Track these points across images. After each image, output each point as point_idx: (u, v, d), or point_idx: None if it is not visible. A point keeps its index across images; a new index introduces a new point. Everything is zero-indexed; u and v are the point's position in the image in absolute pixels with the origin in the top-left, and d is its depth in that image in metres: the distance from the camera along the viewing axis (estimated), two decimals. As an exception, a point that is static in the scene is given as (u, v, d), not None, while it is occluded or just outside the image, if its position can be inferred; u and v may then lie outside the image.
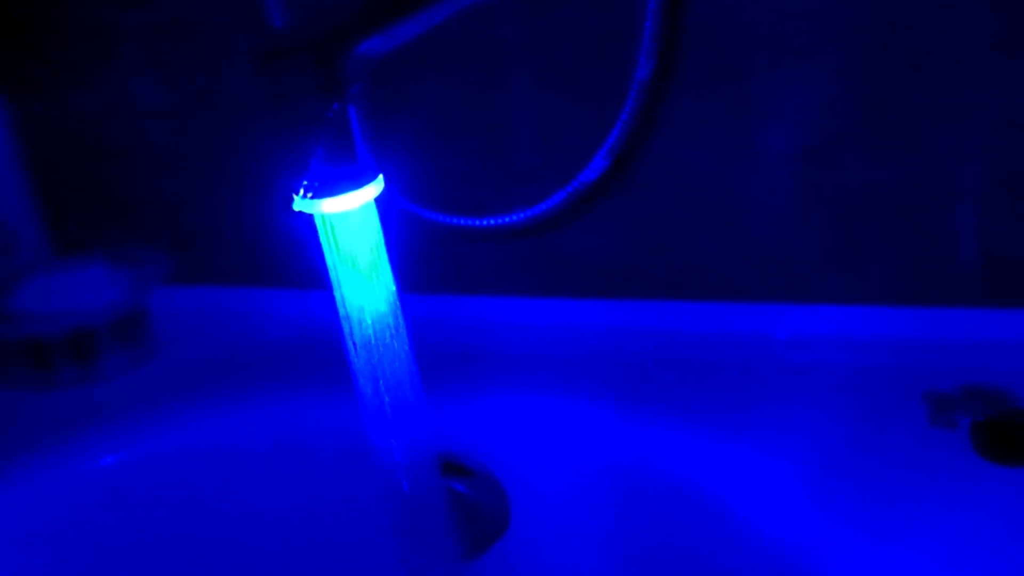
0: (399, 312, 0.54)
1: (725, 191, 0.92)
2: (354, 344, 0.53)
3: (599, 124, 0.85)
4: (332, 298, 1.01)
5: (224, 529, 0.91)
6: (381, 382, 0.54)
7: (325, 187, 0.48)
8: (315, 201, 0.49)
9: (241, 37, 0.96)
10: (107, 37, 1.02)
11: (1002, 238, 0.87)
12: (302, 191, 0.48)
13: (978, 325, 0.88)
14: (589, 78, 0.90)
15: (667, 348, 0.93)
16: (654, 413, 0.85)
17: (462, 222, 0.89)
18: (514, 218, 0.88)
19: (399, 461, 0.57)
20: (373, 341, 0.53)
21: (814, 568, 0.70)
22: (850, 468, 0.75)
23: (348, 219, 0.50)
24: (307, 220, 0.53)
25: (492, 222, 0.88)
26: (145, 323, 1.00)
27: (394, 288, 0.53)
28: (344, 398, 0.87)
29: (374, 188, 0.50)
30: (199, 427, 0.92)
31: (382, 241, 0.52)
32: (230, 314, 1.06)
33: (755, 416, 0.82)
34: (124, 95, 1.04)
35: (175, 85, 1.03)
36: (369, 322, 0.52)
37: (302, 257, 1.03)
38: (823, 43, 0.85)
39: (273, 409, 0.92)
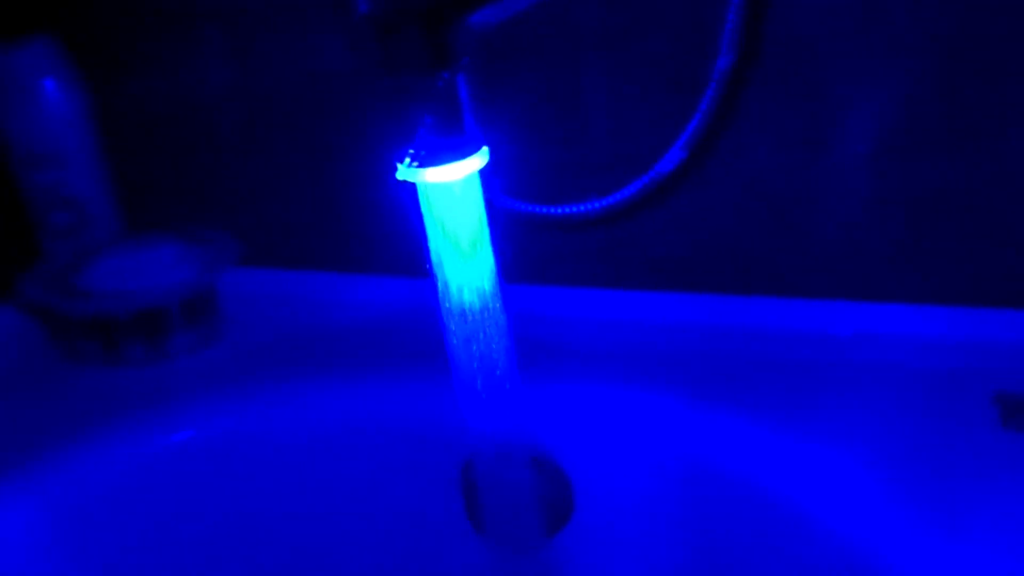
0: (499, 289, 0.54)
1: (798, 187, 0.91)
2: (452, 319, 0.53)
3: (676, 115, 0.85)
4: (401, 284, 1.02)
5: (285, 510, 0.92)
6: (477, 359, 0.54)
7: (432, 156, 0.48)
8: (420, 170, 0.49)
9: (318, 14, 0.96)
10: (185, 17, 1.03)
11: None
12: (407, 160, 0.48)
13: (1051, 327, 0.88)
14: (667, 68, 0.90)
15: (736, 344, 0.93)
16: (721, 408, 0.84)
17: (535, 209, 0.89)
18: (587, 207, 0.88)
19: (491, 443, 0.57)
20: (473, 317, 0.53)
21: (883, 568, 0.70)
22: (920, 468, 0.75)
23: (452, 190, 0.50)
24: (382, 202, 0.54)
25: (565, 210, 0.88)
26: (214, 304, 1.00)
27: (494, 265, 0.53)
28: (413, 386, 0.89)
29: (480, 159, 0.50)
30: (264, 409, 0.92)
31: (484, 215, 0.52)
32: (298, 298, 1.06)
33: (824, 414, 0.82)
34: (201, 75, 1.05)
35: (249, 66, 1.03)
36: (468, 298, 0.52)
37: (373, 242, 1.04)
38: (901, 42, 0.85)
39: (339, 394, 0.92)
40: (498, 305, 0.54)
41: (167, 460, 0.89)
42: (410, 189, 0.52)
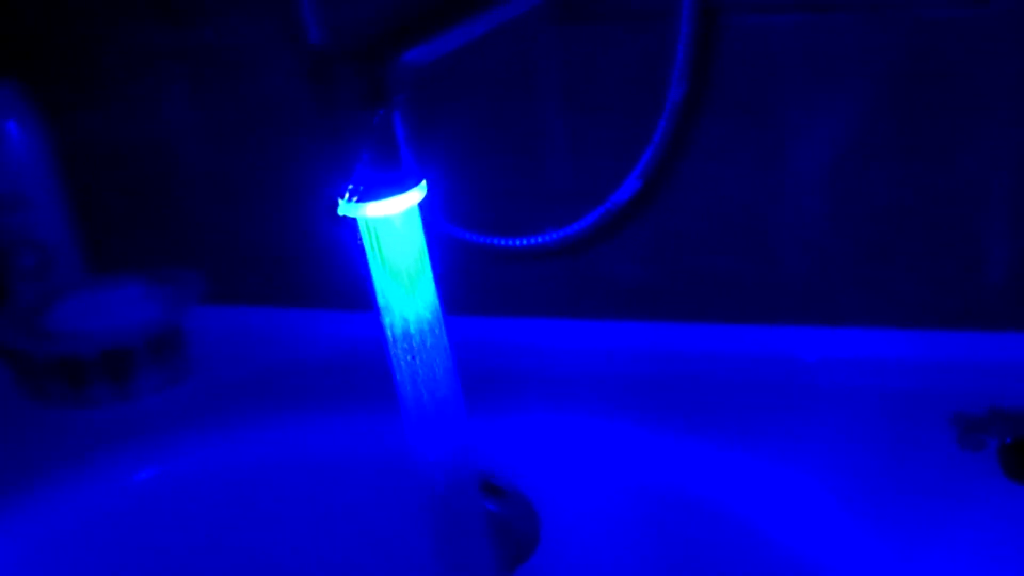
0: (441, 319, 0.55)
1: (755, 214, 0.92)
2: (396, 350, 0.54)
3: (631, 145, 0.86)
4: (366, 319, 1.02)
5: (255, 548, 0.92)
6: (424, 390, 0.55)
7: (370, 191, 0.49)
8: (360, 205, 0.49)
9: (276, 55, 0.97)
10: (145, 56, 1.03)
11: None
12: (347, 195, 0.49)
13: (1007, 348, 0.89)
14: (621, 99, 0.91)
15: (697, 370, 0.93)
16: (684, 434, 0.85)
17: (493, 242, 0.89)
18: (545, 239, 0.89)
19: (440, 471, 0.57)
20: (416, 347, 0.53)
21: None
22: (878, 489, 0.76)
23: (392, 223, 0.51)
24: (342, 238, 0.54)
25: (523, 242, 0.88)
26: (180, 342, 1.00)
27: (436, 295, 0.54)
28: (378, 418, 0.89)
29: (418, 193, 0.51)
30: (232, 446, 0.92)
31: (425, 247, 0.53)
32: (265, 334, 1.06)
33: (784, 438, 0.83)
34: (162, 115, 1.05)
35: (211, 105, 1.04)
36: (412, 329, 0.53)
37: (337, 278, 1.04)
38: (852, 67, 0.86)
39: (307, 429, 0.93)
40: (441, 335, 0.54)
41: (134, 498, 0.89)
42: (352, 224, 0.52)
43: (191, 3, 1.00)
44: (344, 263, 1.01)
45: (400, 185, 0.50)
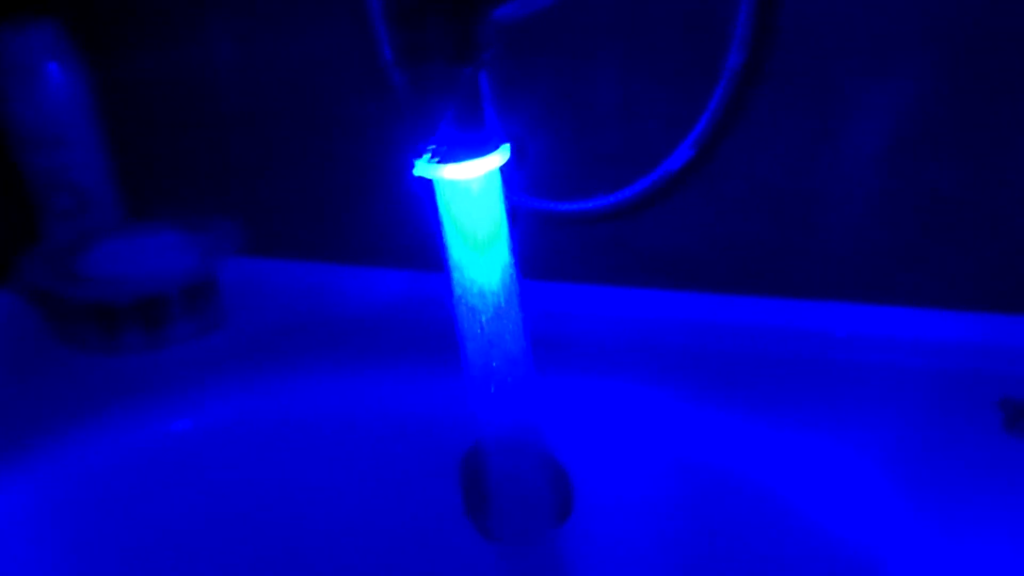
0: (515, 286, 0.53)
1: (806, 187, 0.91)
2: (468, 315, 0.53)
3: (686, 113, 0.85)
4: (403, 277, 1.02)
5: (283, 499, 0.92)
6: (494, 357, 0.54)
7: (452, 152, 0.48)
8: (439, 166, 0.48)
9: (326, 1, 0.96)
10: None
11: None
12: (427, 155, 0.48)
13: (1056, 334, 0.88)
14: (677, 65, 0.90)
15: (741, 343, 0.92)
16: (724, 407, 0.84)
17: (542, 205, 0.88)
18: (595, 204, 0.88)
19: (504, 435, 0.56)
20: (488, 314, 0.52)
21: (881, 568, 0.70)
22: (921, 470, 0.75)
23: (471, 187, 0.50)
24: (389, 194, 0.53)
25: (572, 207, 0.87)
26: (215, 292, 0.99)
27: (511, 263, 0.53)
28: (413, 377, 0.89)
29: (500, 156, 0.49)
30: (262, 398, 0.92)
31: (504, 213, 0.52)
32: (300, 288, 1.05)
33: (828, 414, 0.82)
34: (207, 59, 1.04)
35: (259, 51, 1.03)
36: (487, 294, 0.52)
37: (377, 234, 1.04)
38: (914, 42, 0.85)
39: (339, 384, 0.92)
40: (515, 303, 0.53)
41: (165, 448, 0.89)
42: (425, 184, 0.51)
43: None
44: (382, 220, 1.01)
45: (483, 147, 0.48)
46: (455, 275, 0.52)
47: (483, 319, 0.52)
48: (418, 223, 0.56)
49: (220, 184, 1.09)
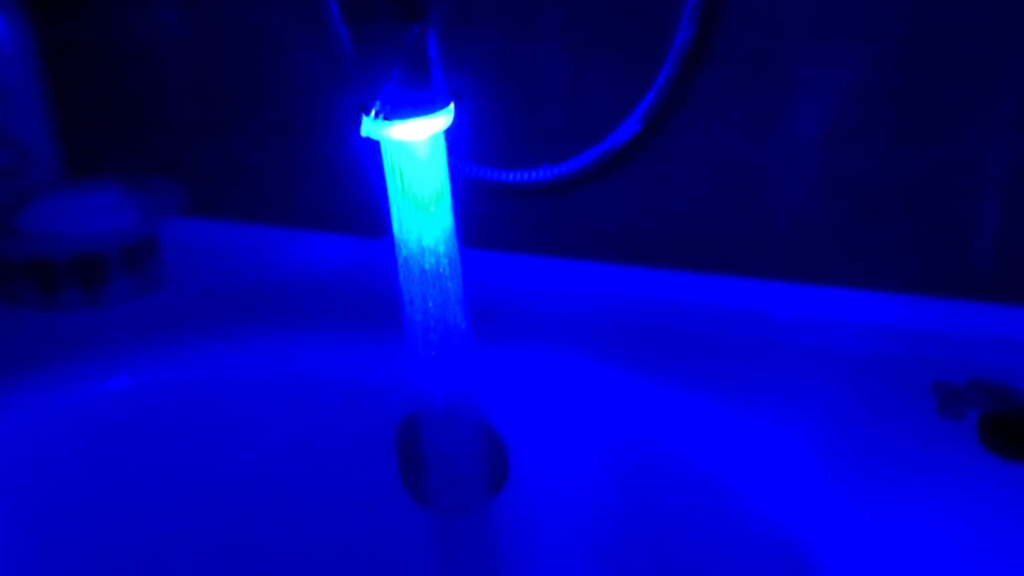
0: (457, 249, 0.53)
1: (750, 166, 0.91)
2: (409, 277, 0.53)
3: (633, 87, 0.85)
4: (343, 242, 1.02)
5: (224, 462, 0.92)
6: (432, 319, 0.54)
7: (399, 110, 0.47)
8: (386, 124, 0.48)
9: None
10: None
11: (1020, 234, 0.87)
12: (373, 113, 0.48)
13: (991, 320, 0.89)
14: (626, 39, 0.90)
15: (679, 318, 0.93)
16: (660, 382, 0.85)
17: (486, 174, 0.88)
18: (539, 175, 0.88)
19: (440, 400, 0.56)
20: (429, 276, 0.52)
21: (814, 547, 0.70)
22: (856, 452, 0.76)
23: (416, 146, 0.50)
24: (318, 158, 0.53)
25: (516, 177, 0.87)
26: (155, 252, 0.99)
27: (453, 224, 0.53)
28: (353, 342, 0.89)
29: (446, 117, 0.49)
30: (200, 359, 0.91)
31: (447, 174, 0.52)
32: (241, 250, 1.05)
33: (762, 393, 0.82)
34: (149, 18, 1.03)
35: (205, 12, 1.02)
36: (428, 257, 0.52)
37: (318, 199, 1.03)
38: (858, 26, 0.85)
39: (277, 348, 0.92)
40: (456, 266, 0.53)
41: (102, 407, 0.88)
42: (370, 144, 0.51)
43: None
44: (324, 183, 1.01)
45: (430, 106, 0.48)
46: (399, 235, 0.52)
47: (425, 280, 0.52)
48: (363, 189, 0.56)
49: (164, 144, 1.08)
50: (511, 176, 0.87)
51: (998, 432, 0.76)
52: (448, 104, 0.49)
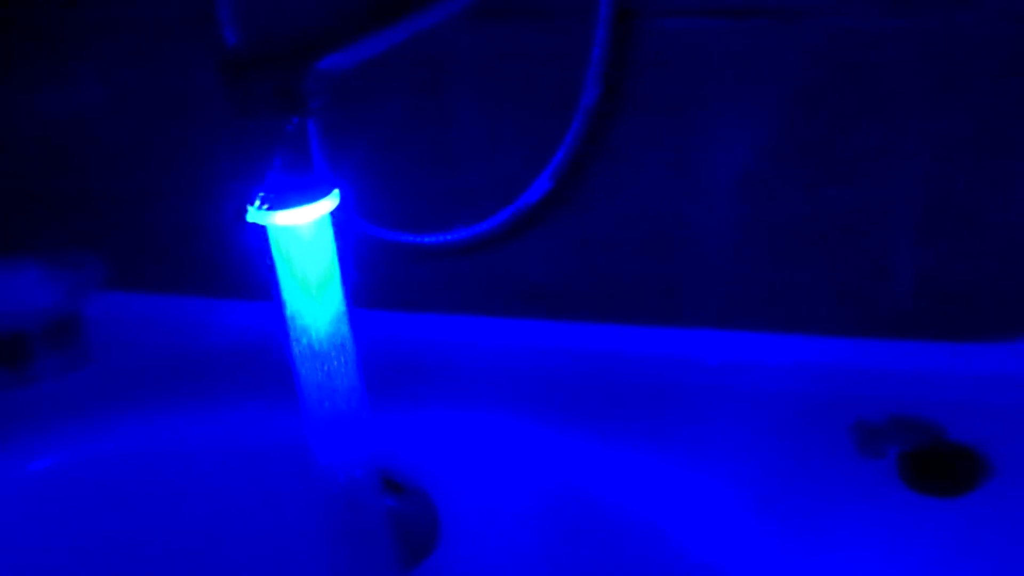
0: (348, 328, 0.54)
1: (666, 218, 0.92)
2: (301, 355, 0.53)
3: (543, 146, 0.86)
4: (266, 309, 1.01)
5: (149, 539, 0.91)
6: (326, 398, 0.54)
7: (281, 199, 0.48)
8: (270, 213, 0.49)
9: (188, 40, 0.96)
10: (51, 33, 1.01)
11: (935, 272, 0.89)
12: (257, 202, 0.48)
13: (908, 357, 0.90)
14: (535, 100, 0.91)
15: (603, 370, 0.94)
16: (589, 434, 0.85)
17: (404, 239, 0.89)
18: (455, 236, 0.88)
19: (341, 473, 0.57)
20: (320, 353, 0.53)
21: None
22: (779, 493, 0.77)
23: (301, 232, 0.50)
24: (248, 231, 0.53)
25: (434, 240, 0.88)
26: (79, 328, 0.99)
27: (343, 303, 0.53)
28: (276, 410, 0.89)
29: (329, 202, 0.50)
30: (129, 434, 0.91)
31: (335, 257, 0.52)
32: (165, 322, 1.05)
33: (687, 440, 0.83)
34: (66, 93, 1.03)
35: (117, 86, 1.02)
36: (318, 335, 0.53)
37: (238, 267, 1.03)
38: (766, 73, 0.87)
39: (203, 418, 0.92)
40: (347, 342, 0.54)
41: (23, 488, 0.88)
42: (260, 229, 0.52)
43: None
44: (245, 254, 1.01)
45: (311, 194, 0.49)
46: (289, 317, 0.53)
47: (316, 356, 0.53)
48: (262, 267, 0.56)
49: (84, 218, 1.08)
50: (428, 239, 0.88)
51: (917, 468, 0.77)
52: (331, 190, 0.50)
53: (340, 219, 0.51)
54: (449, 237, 0.87)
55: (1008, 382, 0.87)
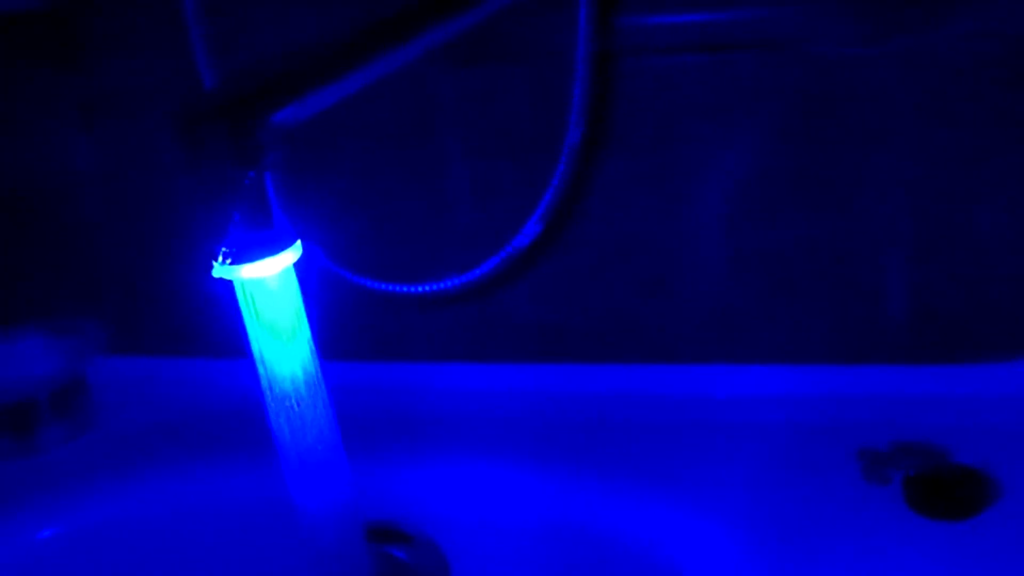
0: (319, 377, 0.54)
1: (658, 253, 0.93)
2: (273, 406, 0.54)
3: (531, 188, 0.86)
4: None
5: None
6: (301, 445, 0.55)
7: (243, 253, 0.49)
8: (233, 267, 0.49)
9: (174, 101, 0.96)
10: (44, 103, 1.03)
11: (930, 295, 0.89)
12: (220, 257, 0.49)
13: (909, 382, 0.90)
14: (521, 142, 0.92)
15: (603, 411, 0.94)
16: (591, 475, 0.85)
17: (395, 288, 0.89)
18: (447, 284, 0.88)
19: (322, 524, 0.57)
20: (292, 403, 0.53)
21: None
22: (786, 525, 0.76)
23: (267, 284, 0.51)
24: (231, 287, 0.54)
25: (425, 288, 0.88)
26: (83, 394, 0.99)
27: (313, 353, 0.54)
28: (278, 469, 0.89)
29: (292, 254, 0.51)
30: (137, 498, 0.92)
31: (302, 306, 0.53)
32: (168, 384, 1.06)
33: (691, 476, 0.83)
34: (62, 161, 1.04)
35: (112, 151, 1.04)
36: (288, 386, 0.53)
37: (237, 327, 1.04)
38: (749, 105, 0.87)
39: (211, 480, 0.92)
40: (318, 391, 0.54)
41: (35, 556, 0.88)
42: (228, 283, 0.52)
43: (89, 48, 1.00)
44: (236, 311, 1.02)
45: (273, 246, 0.50)
46: (260, 367, 0.53)
47: (288, 406, 0.53)
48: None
49: (82, 285, 1.09)
50: (420, 288, 0.88)
51: (923, 493, 0.77)
52: (293, 241, 0.50)
53: (322, 268, 0.52)
54: (440, 285, 0.87)
55: (1010, 402, 0.87)
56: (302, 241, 0.51)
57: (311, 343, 0.53)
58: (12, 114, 1.04)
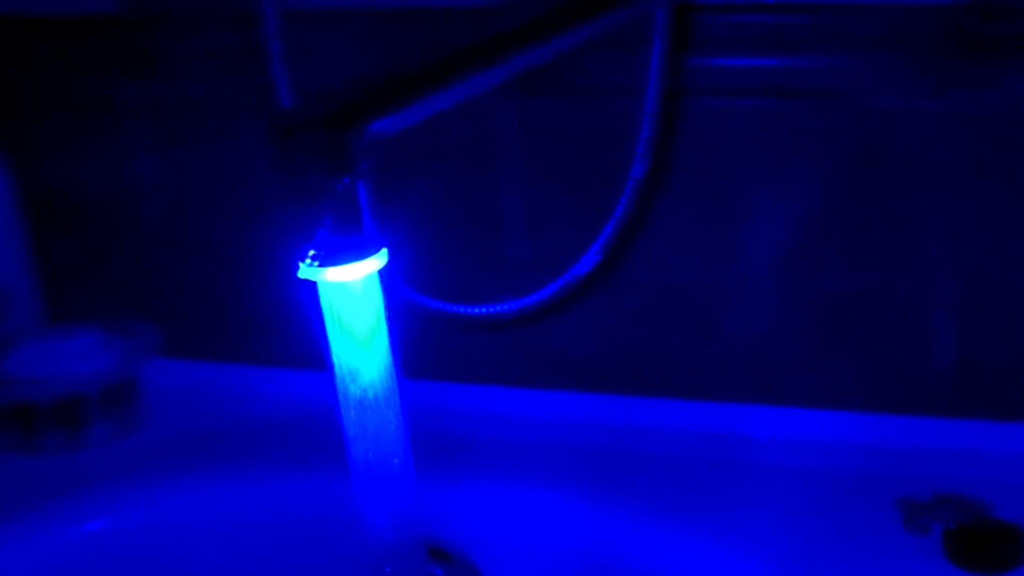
0: (396, 384, 0.55)
1: (709, 293, 0.94)
2: (349, 412, 0.55)
3: (591, 219, 0.87)
4: (321, 379, 1.02)
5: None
6: (374, 453, 0.55)
7: (331, 256, 0.50)
8: (320, 269, 0.50)
9: (243, 113, 0.98)
10: (110, 108, 1.05)
11: (976, 349, 0.89)
12: (308, 259, 0.50)
13: (952, 435, 0.90)
14: (582, 173, 0.93)
15: (647, 444, 0.94)
16: (632, 508, 0.86)
17: (451, 309, 0.90)
18: (503, 308, 0.89)
19: (386, 533, 0.58)
20: (369, 410, 0.54)
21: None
22: (821, 570, 0.77)
23: (351, 289, 0.52)
24: (300, 298, 0.55)
25: (481, 311, 0.89)
26: (135, 394, 1.01)
27: (391, 361, 0.55)
28: (328, 479, 0.89)
29: (378, 260, 0.52)
30: (181, 500, 0.92)
31: (383, 314, 0.54)
32: (219, 390, 1.06)
33: (730, 515, 0.83)
34: (126, 166, 1.06)
35: (176, 159, 1.05)
36: (367, 392, 0.54)
37: (291, 337, 1.04)
38: (809, 153, 0.88)
39: (255, 486, 0.93)
40: (394, 399, 0.55)
41: (81, 549, 0.89)
42: (311, 287, 0.53)
43: (158, 57, 1.01)
44: (298, 323, 1.02)
45: (361, 252, 0.51)
46: (338, 371, 0.54)
47: (364, 414, 0.54)
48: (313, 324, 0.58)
49: (141, 288, 1.10)
50: (475, 310, 0.89)
51: (963, 546, 0.77)
52: (380, 248, 0.51)
53: (387, 287, 0.53)
54: (496, 309, 0.88)
55: (1053, 461, 0.87)
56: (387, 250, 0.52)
57: (390, 351, 0.54)
58: (81, 117, 1.06)
